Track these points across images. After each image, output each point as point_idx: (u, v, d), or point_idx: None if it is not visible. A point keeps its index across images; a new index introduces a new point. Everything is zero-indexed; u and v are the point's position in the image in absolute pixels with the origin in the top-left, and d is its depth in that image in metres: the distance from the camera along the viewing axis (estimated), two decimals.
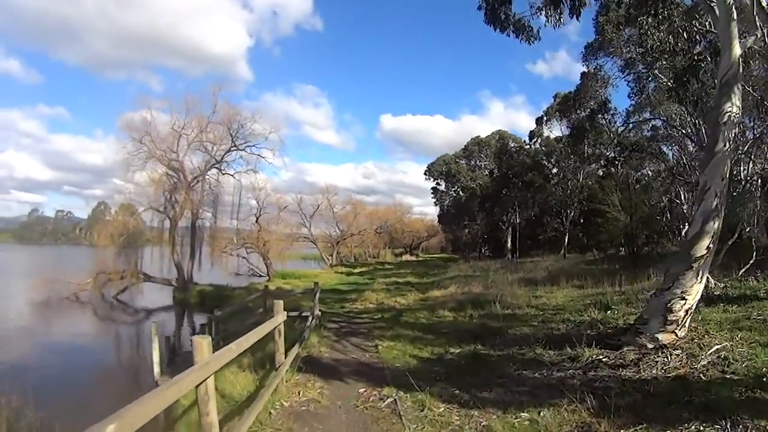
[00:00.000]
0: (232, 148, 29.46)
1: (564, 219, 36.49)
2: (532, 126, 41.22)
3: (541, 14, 8.79)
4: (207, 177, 28.95)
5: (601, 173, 29.73)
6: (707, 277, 7.01)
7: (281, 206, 39.61)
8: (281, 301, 5.71)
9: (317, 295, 11.40)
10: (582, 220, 34.97)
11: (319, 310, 11.88)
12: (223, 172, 29.73)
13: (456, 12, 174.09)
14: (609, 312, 9.36)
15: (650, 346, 6.21)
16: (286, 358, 5.66)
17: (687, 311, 6.32)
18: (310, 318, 10.26)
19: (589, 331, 7.87)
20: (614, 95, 25.49)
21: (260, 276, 34.23)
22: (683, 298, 6.28)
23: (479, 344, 8.67)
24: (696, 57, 11.90)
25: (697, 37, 11.85)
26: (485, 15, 9.01)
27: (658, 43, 11.43)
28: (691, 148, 18.08)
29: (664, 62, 13.80)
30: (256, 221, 36.91)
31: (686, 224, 12.66)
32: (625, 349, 6.36)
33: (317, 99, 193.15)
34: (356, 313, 15.12)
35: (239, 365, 6.93)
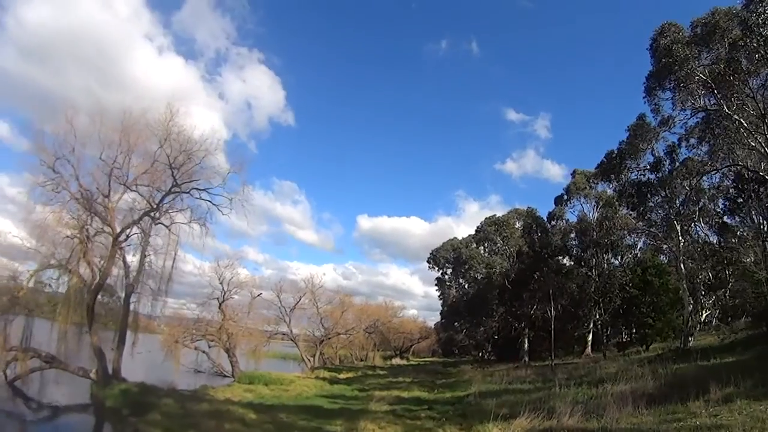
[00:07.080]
0: (173, 188, 19.84)
1: (603, 310, 29.27)
2: None
3: None
4: (151, 234, 20.27)
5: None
6: None
7: (254, 294, 32.33)
8: None
9: None
10: (623, 310, 28.20)
11: None
12: (156, 221, 20.15)
13: (424, 109, 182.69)
14: None
15: None
16: None
17: None
18: None
19: None
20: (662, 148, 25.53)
21: (224, 376, 27.70)
22: None
23: None
24: None
25: None
26: None
27: None
28: None
29: None
30: (219, 307, 28.82)
31: None
32: None
33: (296, 196, 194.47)
34: None
35: None
